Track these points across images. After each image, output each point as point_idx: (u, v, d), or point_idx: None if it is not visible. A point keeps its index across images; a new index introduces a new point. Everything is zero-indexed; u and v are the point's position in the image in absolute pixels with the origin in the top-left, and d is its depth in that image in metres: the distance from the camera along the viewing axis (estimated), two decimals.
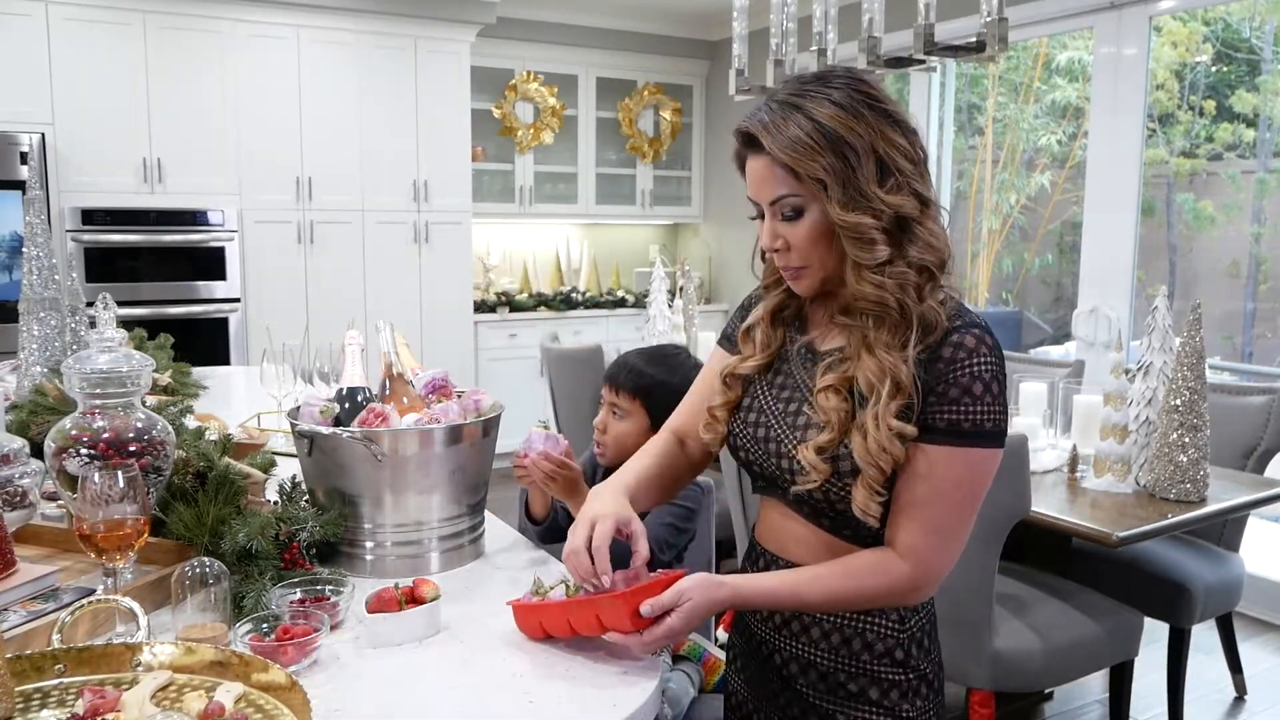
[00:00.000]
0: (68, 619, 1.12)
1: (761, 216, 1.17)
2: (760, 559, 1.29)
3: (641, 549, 1.20)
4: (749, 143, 1.15)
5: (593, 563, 1.16)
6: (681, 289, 4.27)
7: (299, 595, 1.31)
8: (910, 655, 1.20)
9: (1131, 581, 2.69)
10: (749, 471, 1.28)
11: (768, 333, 1.25)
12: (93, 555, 1.24)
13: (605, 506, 1.21)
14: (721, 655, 1.77)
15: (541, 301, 5.97)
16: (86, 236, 4.56)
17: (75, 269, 3.69)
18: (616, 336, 5.86)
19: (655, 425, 1.72)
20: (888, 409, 1.08)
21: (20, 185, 4.26)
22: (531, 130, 5.93)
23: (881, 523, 1.13)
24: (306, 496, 1.52)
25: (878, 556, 1.14)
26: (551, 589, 1.25)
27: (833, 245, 1.12)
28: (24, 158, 4.31)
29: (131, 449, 1.39)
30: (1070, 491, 2.51)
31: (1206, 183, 5.45)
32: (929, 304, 1.10)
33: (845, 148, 1.07)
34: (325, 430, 1.45)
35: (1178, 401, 2.41)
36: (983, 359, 1.08)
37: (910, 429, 1.08)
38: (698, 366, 1.69)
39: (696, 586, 1.12)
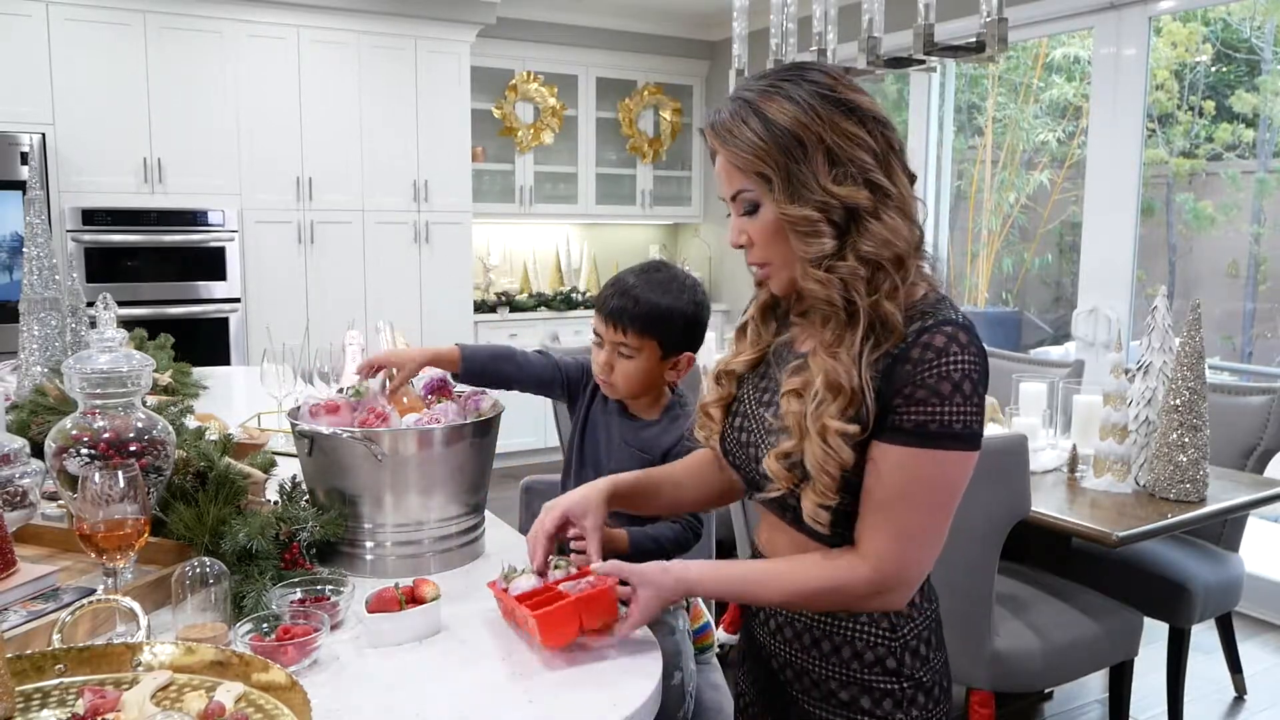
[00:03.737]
0: (68, 619, 1.12)
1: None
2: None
3: (590, 549, 1.26)
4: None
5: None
6: None
7: (299, 595, 1.31)
8: (904, 664, 1.15)
9: (1131, 581, 2.69)
10: (739, 475, 1.26)
11: (758, 329, 1.25)
12: (93, 555, 1.24)
13: (566, 499, 1.29)
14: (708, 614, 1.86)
15: (542, 302, 5.96)
16: (87, 236, 4.56)
17: (75, 269, 3.69)
18: None
19: (668, 354, 1.64)
20: (825, 410, 1.06)
21: (21, 185, 4.26)
22: (531, 130, 5.92)
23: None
24: (306, 496, 1.52)
25: (835, 554, 1.11)
26: (520, 573, 1.28)
27: (788, 240, 1.10)
28: (24, 158, 4.31)
29: (132, 449, 1.39)
30: (1070, 491, 2.50)
31: (1206, 183, 5.45)
32: (885, 305, 1.05)
33: (792, 142, 1.06)
34: (325, 430, 1.46)
35: (1177, 401, 2.41)
36: (952, 358, 1.03)
37: (851, 428, 1.05)
38: (697, 284, 1.67)
39: (646, 589, 1.18)
